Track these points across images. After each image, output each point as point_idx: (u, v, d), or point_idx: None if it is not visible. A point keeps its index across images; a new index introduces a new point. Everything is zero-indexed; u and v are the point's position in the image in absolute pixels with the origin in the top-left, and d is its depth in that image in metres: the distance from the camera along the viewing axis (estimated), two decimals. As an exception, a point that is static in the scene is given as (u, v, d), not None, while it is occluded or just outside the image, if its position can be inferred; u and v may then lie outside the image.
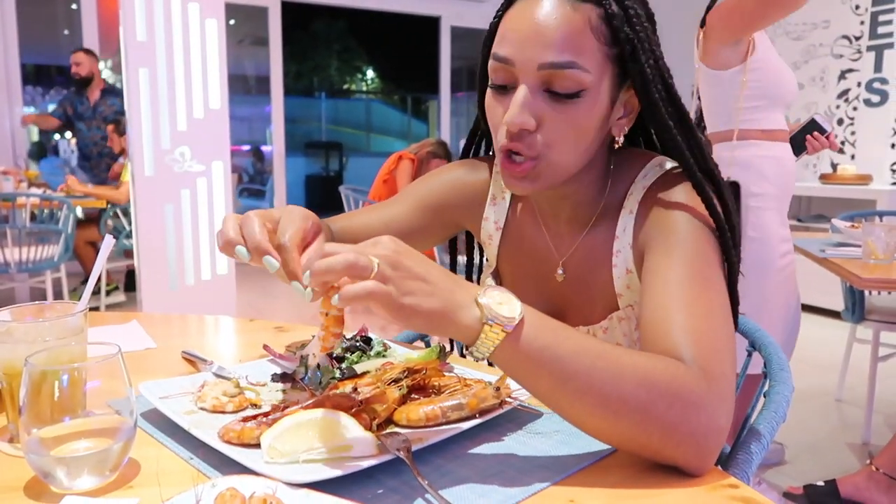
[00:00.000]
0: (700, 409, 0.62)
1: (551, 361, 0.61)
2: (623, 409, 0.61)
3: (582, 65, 0.74)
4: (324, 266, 0.57)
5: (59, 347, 0.66)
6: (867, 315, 2.49)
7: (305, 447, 0.61)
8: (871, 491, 1.91)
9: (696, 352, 0.65)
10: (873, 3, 4.37)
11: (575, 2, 0.74)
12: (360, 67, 11.22)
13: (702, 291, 0.71)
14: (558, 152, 0.77)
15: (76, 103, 4.60)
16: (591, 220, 0.88)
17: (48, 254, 3.66)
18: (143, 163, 2.93)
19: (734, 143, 2.03)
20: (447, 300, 0.60)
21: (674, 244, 0.75)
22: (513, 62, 0.75)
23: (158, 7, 2.89)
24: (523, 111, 0.75)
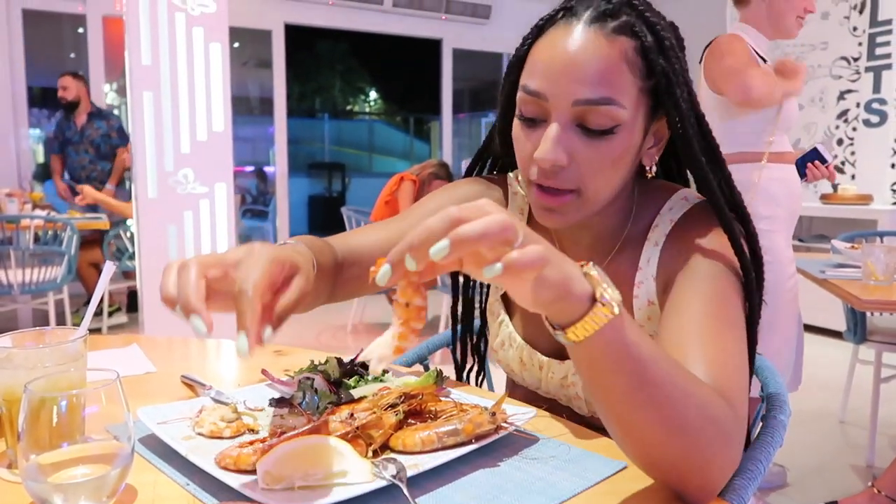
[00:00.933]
0: (732, 443, 0.62)
1: (635, 360, 0.57)
2: (679, 430, 0.59)
3: (618, 100, 0.72)
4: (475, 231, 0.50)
5: (59, 374, 0.66)
6: (869, 336, 2.48)
7: (301, 473, 0.62)
8: None
9: (715, 383, 0.65)
10: (871, 25, 4.41)
11: (610, 34, 0.72)
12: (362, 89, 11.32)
13: (720, 329, 0.70)
14: (593, 187, 0.76)
15: (65, 127, 4.63)
16: (614, 249, 0.86)
17: (51, 275, 3.67)
18: (146, 185, 2.95)
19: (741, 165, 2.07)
20: (566, 272, 0.54)
21: (696, 282, 0.74)
22: (546, 97, 0.73)
23: (163, 31, 2.93)
24: (556, 148, 0.73)
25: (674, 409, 0.59)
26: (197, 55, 3.02)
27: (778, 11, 2.08)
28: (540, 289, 0.52)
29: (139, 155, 2.93)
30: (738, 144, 2.11)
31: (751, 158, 2.10)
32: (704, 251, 0.77)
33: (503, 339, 0.97)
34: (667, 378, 0.59)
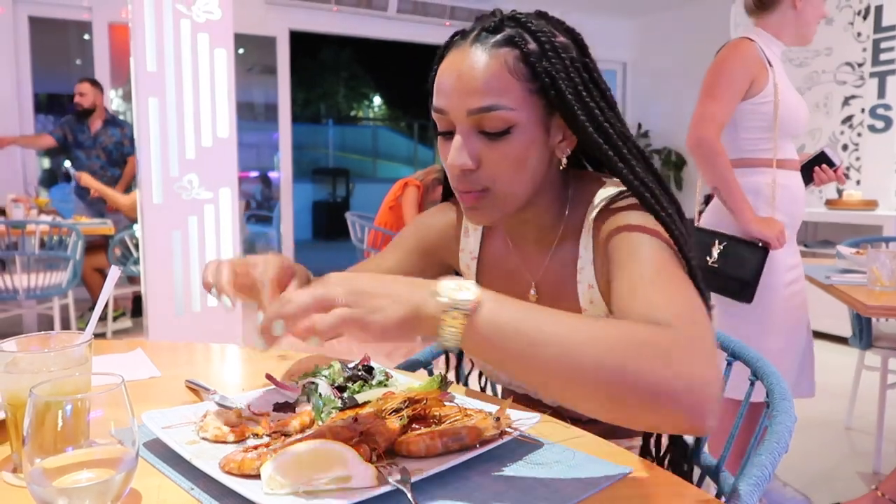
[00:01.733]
0: (682, 358, 0.61)
1: (519, 333, 0.62)
2: (601, 368, 0.60)
3: (505, 105, 0.80)
4: (292, 307, 0.60)
5: (64, 378, 0.66)
6: (875, 342, 2.47)
7: (305, 478, 0.62)
8: None
9: (668, 315, 0.66)
10: (875, 31, 4.41)
11: (491, 48, 0.81)
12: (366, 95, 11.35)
13: (668, 277, 0.73)
14: (502, 184, 0.84)
15: (76, 131, 4.64)
16: (556, 239, 0.93)
17: (56, 280, 3.69)
18: (151, 190, 2.97)
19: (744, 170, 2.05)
20: (408, 303, 0.62)
21: (633, 256, 0.78)
22: (446, 111, 0.83)
23: (169, 38, 2.94)
24: (461, 154, 0.83)
25: (583, 353, 0.60)
26: (202, 62, 3.04)
27: (806, 20, 2.10)
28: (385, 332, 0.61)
29: (144, 160, 2.95)
30: (740, 150, 2.10)
31: (752, 164, 2.08)
32: (633, 226, 0.81)
33: None
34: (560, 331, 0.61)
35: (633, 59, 7.41)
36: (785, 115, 2.04)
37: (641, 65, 7.36)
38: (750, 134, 2.08)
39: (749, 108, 2.05)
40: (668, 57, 6.77)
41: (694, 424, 0.61)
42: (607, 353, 0.60)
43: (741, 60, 2.01)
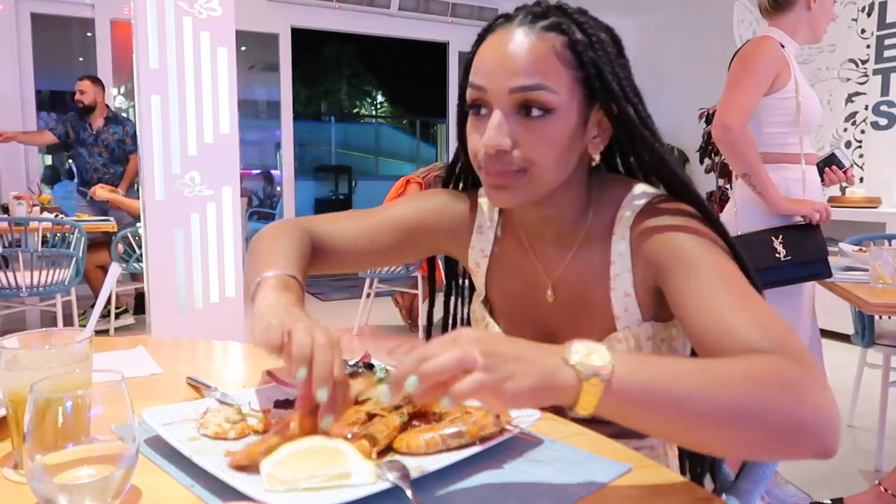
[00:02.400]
0: (806, 388, 0.62)
1: (658, 392, 0.61)
2: (744, 414, 0.60)
3: (549, 86, 0.79)
4: (434, 367, 0.58)
5: (64, 375, 0.67)
6: (877, 339, 2.46)
7: (305, 475, 0.62)
8: None
9: (771, 342, 0.66)
10: (879, 27, 4.39)
11: (540, 32, 0.80)
12: (369, 92, 11.34)
13: (743, 291, 0.73)
14: (538, 166, 0.82)
15: (79, 128, 4.65)
16: (577, 241, 0.91)
17: (59, 277, 3.69)
18: (153, 188, 2.97)
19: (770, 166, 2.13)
20: (542, 372, 0.60)
21: (692, 261, 0.77)
22: (486, 89, 0.81)
23: (171, 35, 2.94)
24: (499, 132, 0.80)
25: (724, 401, 0.60)
26: (204, 59, 3.04)
27: (818, 20, 2.16)
28: (517, 398, 0.58)
29: (146, 158, 2.95)
30: (764, 145, 2.13)
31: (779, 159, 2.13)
32: (683, 232, 0.80)
33: None
34: (698, 383, 0.61)
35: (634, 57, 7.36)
36: (805, 110, 2.09)
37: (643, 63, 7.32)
38: (773, 129, 2.13)
39: (772, 103, 2.09)
40: (670, 55, 6.75)
41: (824, 451, 0.62)
42: (748, 397, 0.60)
43: (767, 55, 2.07)
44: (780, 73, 2.07)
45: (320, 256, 0.99)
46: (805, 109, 2.10)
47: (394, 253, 1.04)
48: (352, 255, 1.02)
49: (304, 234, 0.97)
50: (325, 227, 1.01)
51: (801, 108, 2.08)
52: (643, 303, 0.86)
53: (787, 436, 0.61)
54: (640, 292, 0.86)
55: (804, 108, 2.09)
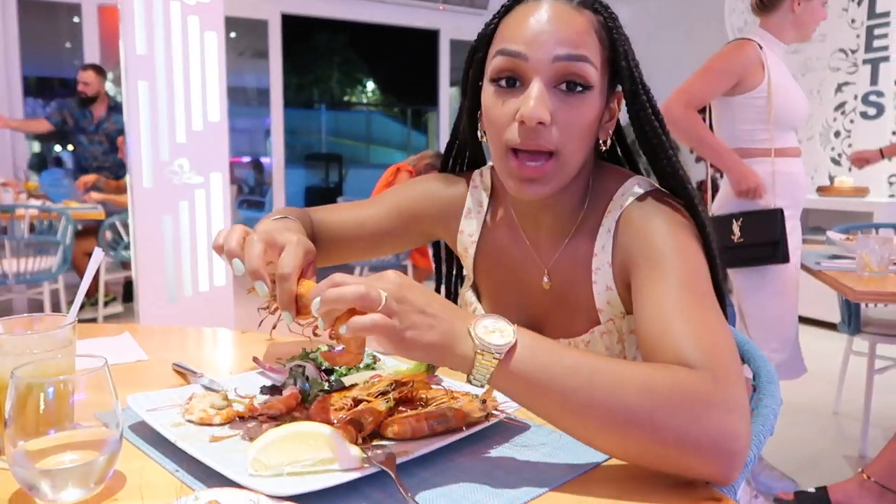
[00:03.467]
0: (710, 408, 0.61)
1: (549, 381, 0.62)
2: (629, 420, 0.61)
3: (592, 60, 0.77)
4: (335, 294, 0.60)
5: (47, 360, 0.66)
6: (863, 327, 2.49)
7: (290, 460, 0.62)
8: (862, 499, 1.91)
9: (700, 355, 0.66)
10: (868, 17, 4.40)
11: (577, 6, 0.79)
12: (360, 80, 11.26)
13: (695, 299, 0.72)
14: (569, 149, 0.79)
15: (78, 116, 4.62)
16: (572, 230, 0.90)
17: (46, 265, 3.67)
18: (141, 175, 2.94)
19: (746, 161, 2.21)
20: (445, 332, 0.63)
21: (659, 257, 0.77)
22: (526, 56, 0.76)
23: (158, 20, 2.91)
24: (540, 104, 0.75)
25: (611, 404, 0.61)
26: (192, 44, 3.00)
27: (804, 22, 2.24)
28: (411, 349, 0.62)
29: (134, 145, 2.92)
30: (738, 141, 2.23)
31: (750, 154, 2.21)
32: (657, 230, 0.80)
33: None
34: (590, 381, 0.62)
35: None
36: (781, 107, 2.17)
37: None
38: (747, 125, 2.21)
39: (744, 102, 2.19)
40: (661, 45, 6.74)
41: (718, 477, 0.62)
42: (637, 406, 0.61)
43: (736, 59, 2.18)
44: (750, 75, 2.16)
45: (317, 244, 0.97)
46: (782, 105, 2.17)
47: (385, 241, 1.04)
48: (342, 243, 1.02)
49: (305, 213, 0.98)
50: (317, 216, 1.01)
51: (775, 106, 2.16)
52: (624, 296, 0.86)
53: (676, 453, 0.61)
54: (619, 286, 0.86)
55: (780, 104, 2.17)
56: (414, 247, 1.11)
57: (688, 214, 0.82)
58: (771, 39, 2.24)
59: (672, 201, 0.84)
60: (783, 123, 2.20)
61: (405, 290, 0.62)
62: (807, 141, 4.86)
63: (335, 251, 1.02)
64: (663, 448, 0.61)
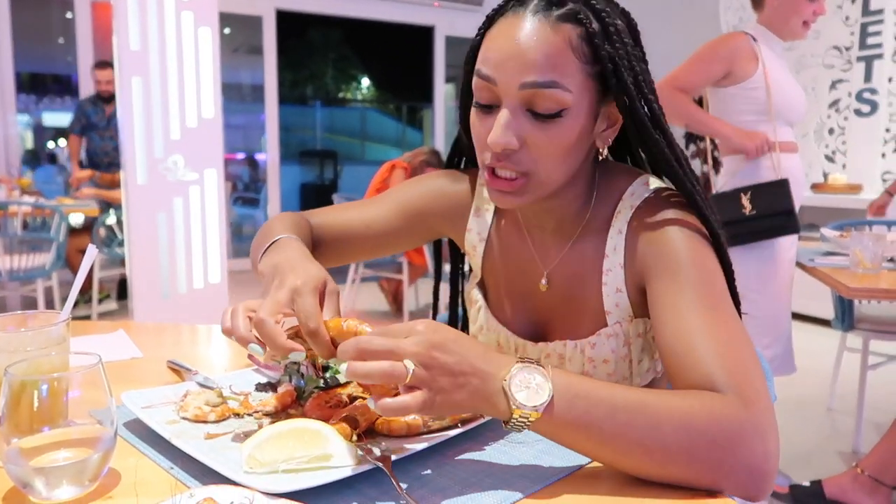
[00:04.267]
0: (743, 437, 0.63)
1: (587, 427, 0.63)
2: (667, 457, 0.62)
3: (563, 84, 0.74)
4: (362, 372, 0.60)
5: (40, 357, 0.66)
6: (857, 324, 2.50)
7: (285, 457, 0.61)
8: (856, 492, 1.93)
9: (728, 379, 0.66)
10: (863, 14, 4.41)
11: (555, 22, 0.75)
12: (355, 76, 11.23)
13: (718, 314, 0.72)
14: (544, 169, 0.78)
15: (90, 112, 4.61)
16: (577, 231, 0.88)
17: (40, 262, 3.65)
18: (135, 171, 2.93)
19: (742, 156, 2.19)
20: (476, 391, 0.62)
21: (676, 269, 0.76)
22: (495, 81, 0.76)
23: (152, 16, 2.90)
24: (506, 132, 0.75)
25: (649, 444, 0.62)
26: (186, 40, 2.99)
27: (783, 17, 2.23)
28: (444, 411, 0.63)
29: (128, 141, 2.91)
30: None
31: None
32: (674, 236, 0.78)
33: (481, 324, 0.98)
34: (629, 423, 0.63)
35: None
36: (779, 101, 2.17)
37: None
38: (744, 117, 2.20)
39: (738, 93, 2.19)
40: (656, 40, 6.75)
41: (749, 497, 0.63)
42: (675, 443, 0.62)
43: (726, 48, 2.19)
44: (740, 65, 2.17)
45: (318, 249, 0.96)
46: (779, 99, 2.17)
47: (391, 240, 1.02)
48: (348, 245, 1.00)
49: (302, 218, 0.95)
50: (317, 219, 0.98)
51: (773, 98, 2.15)
52: (634, 299, 0.85)
53: (711, 480, 0.63)
54: (630, 289, 0.84)
55: (778, 97, 2.16)
56: (419, 245, 1.09)
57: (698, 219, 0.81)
58: (768, 35, 2.25)
59: (683, 203, 0.82)
60: (780, 118, 2.20)
61: (435, 351, 0.61)
62: (801, 138, 4.87)
63: (340, 253, 1.00)
64: (698, 477, 0.63)
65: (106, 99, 4.56)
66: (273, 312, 0.67)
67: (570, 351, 0.87)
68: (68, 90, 4.62)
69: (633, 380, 0.87)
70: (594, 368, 0.86)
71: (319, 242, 0.96)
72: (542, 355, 0.90)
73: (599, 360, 0.86)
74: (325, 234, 0.98)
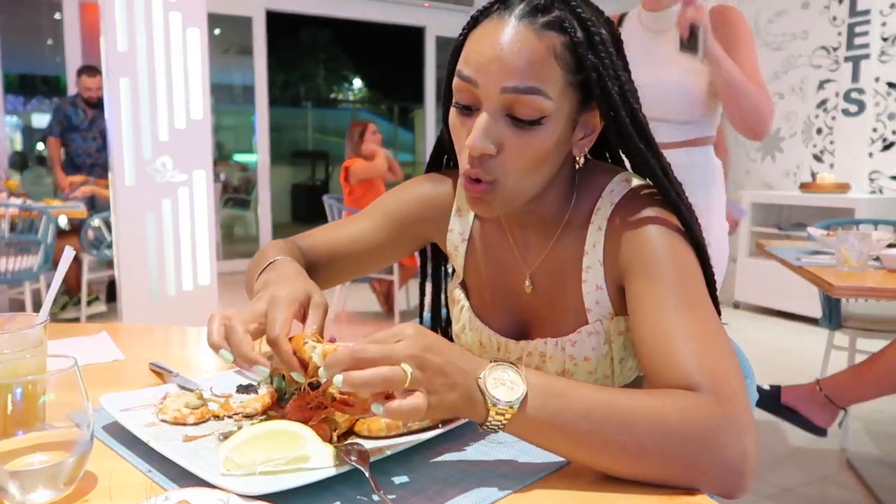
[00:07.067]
0: (719, 435, 0.63)
1: (561, 426, 0.63)
2: (641, 455, 0.63)
3: (544, 91, 0.74)
4: (361, 381, 0.59)
5: (16, 360, 0.65)
6: (844, 322, 2.51)
7: (263, 459, 0.61)
8: (808, 404, 2.10)
9: (705, 377, 0.66)
10: (850, 15, 4.44)
11: (539, 29, 0.74)
12: (346, 77, 11.22)
13: (695, 313, 0.72)
14: (515, 178, 0.78)
15: (71, 115, 4.58)
16: (558, 230, 0.88)
17: (27, 264, 3.63)
18: (123, 172, 2.92)
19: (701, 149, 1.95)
20: (464, 390, 0.63)
21: (655, 268, 0.76)
22: (476, 83, 0.75)
23: (140, 17, 2.88)
24: (484, 137, 0.75)
25: (623, 442, 0.63)
26: (174, 41, 2.98)
27: None
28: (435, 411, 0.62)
29: (116, 142, 2.90)
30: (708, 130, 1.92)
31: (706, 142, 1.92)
32: (653, 234, 0.79)
33: (463, 323, 0.98)
34: (602, 421, 0.63)
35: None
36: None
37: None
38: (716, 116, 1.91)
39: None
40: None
41: (726, 495, 0.64)
42: (649, 441, 0.62)
43: None
44: None
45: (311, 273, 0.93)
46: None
47: (380, 253, 1.01)
48: (338, 264, 0.99)
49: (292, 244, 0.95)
50: (305, 242, 0.98)
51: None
52: (614, 297, 0.85)
53: (687, 478, 0.63)
54: (610, 286, 0.85)
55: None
56: (409, 254, 1.07)
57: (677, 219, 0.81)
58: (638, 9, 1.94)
59: (663, 201, 0.82)
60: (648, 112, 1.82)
61: (427, 353, 0.62)
62: (789, 138, 4.90)
63: (332, 273, 1.00)
64: (674, 475, 0.63)
65: (92, 104, 4.53)
66: (247, 321, 0.68)
67: (552, 349, 0.87)
68: (57, 91, 4.60)
69: (615, 379, 0.87)
70: (575, 367, 0.86)
71: (311, 266, 0.95)
72: (524, 354, 0.90)
73: (580, 358, 0.86)
74: (316, 256, 0.97)
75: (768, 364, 3.43)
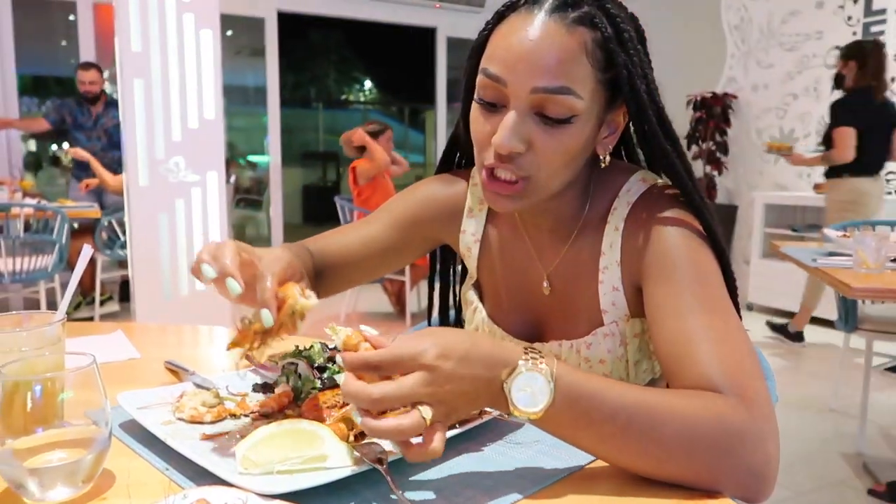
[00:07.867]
0: (744, 440, 0.62)
1: (587, 426, 0.62)
2: (667, 457, 0.62)
3: (575, 90, 0.72)
4: (379, 432, 0.59)
5: (35, 358, 0.65)
6: (860, 324, 2.48)
7: (280, 458, 0.61)
8: None
9: (728, 380, 0.65)
10: (865, 14, 4.40)
11: (570, 24, 0.72)
12: (357, 78, 11.25)
13: (716, 315, 0.71)
14: (546, 174, 0.76)
15: (76, 113, 4.60)
16: (575, 231, 0.87)
17: (42, 264, 3.65)
18: (137, 173, 2.93)
19: None
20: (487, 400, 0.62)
21: (674, 269, 0.75)
22: (504, 82, 0.73)
23: (154, 18, 2.90)
24: (513, 135, 0.73)
25: (647, 444, 0.62)
26: (188, 42, 2.99)
27: None
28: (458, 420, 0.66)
29: (129, 142, 2.91)
30: None
31: None
32: (671, 234, 0.77)
33: (477, 324, 0.98)
34: (629, 423, 0.62)
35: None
36: None
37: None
38: None
39: None
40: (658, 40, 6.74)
41: (749, 499, 0.63)
42: (676, 445, 0.61)
43: None
44: None
45: (322, 277, 0.95)
46: None
47: (392, 256, 1.00)
48: (349, 267, 0.98)
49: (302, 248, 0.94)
50: (315, 246, 0.96)
51: None
52: (630, 298, 0.84)
53: (711, 481, 0.62)
54: (627, 287, 0.83)
55: None
56: (421, 256, 1.06)
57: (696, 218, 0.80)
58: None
59: (681, 201, 0.81)
60: None
61: (448, 384, 0.60)
62: (804, 138, 4.85)
63: (343, 277, 0.99)
64: (698, 478, 0.62)
65: (93, 100, 4.55)
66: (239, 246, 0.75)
67: (566, 351, 0.87)
68: (71, 92, 4.62)
69: (629, 381, 0.86)
70: (590, 369, 0.86)
71: (322, 270, 0.94)
72: None
73: (595, 361, 0.85)
74: (326, 260, 0.95)
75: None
